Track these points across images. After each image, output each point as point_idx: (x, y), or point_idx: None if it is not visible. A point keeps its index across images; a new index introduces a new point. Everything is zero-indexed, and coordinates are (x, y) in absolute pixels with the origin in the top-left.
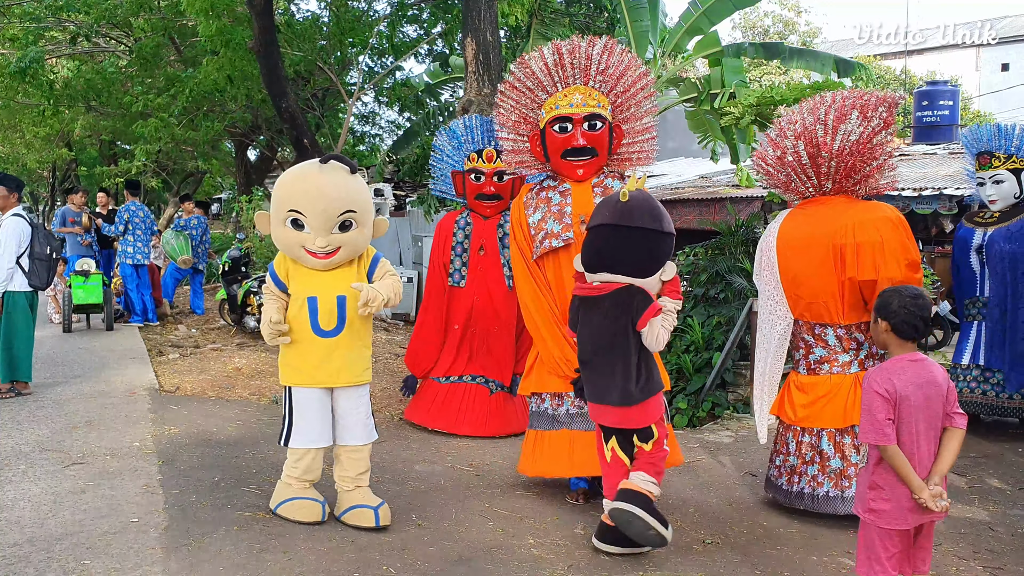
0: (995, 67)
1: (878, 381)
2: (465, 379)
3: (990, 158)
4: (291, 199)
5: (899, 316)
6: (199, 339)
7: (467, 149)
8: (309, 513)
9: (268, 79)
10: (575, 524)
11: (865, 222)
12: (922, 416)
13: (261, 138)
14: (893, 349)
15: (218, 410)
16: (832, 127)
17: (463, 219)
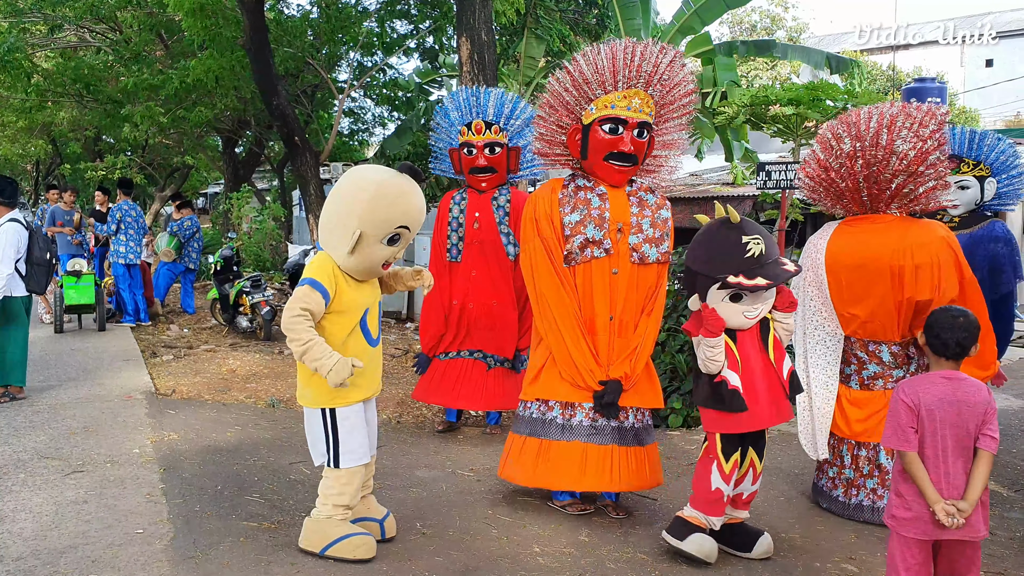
0: (979, 63)
1: (905, 391)
2: (463, 354)
3: (959, 163)
4: (403, 216)
5: (933, 333)
6: (192, 339)
7: (458, 124)
8: (368, 550)
9: (259, 77)
10: (579, 531)
11: (923, 244)
12: (950, 432)
13: (249, 134)
14: (932, 364)
15: (216, 414)
16: (886, 146)
17: (459, 195)
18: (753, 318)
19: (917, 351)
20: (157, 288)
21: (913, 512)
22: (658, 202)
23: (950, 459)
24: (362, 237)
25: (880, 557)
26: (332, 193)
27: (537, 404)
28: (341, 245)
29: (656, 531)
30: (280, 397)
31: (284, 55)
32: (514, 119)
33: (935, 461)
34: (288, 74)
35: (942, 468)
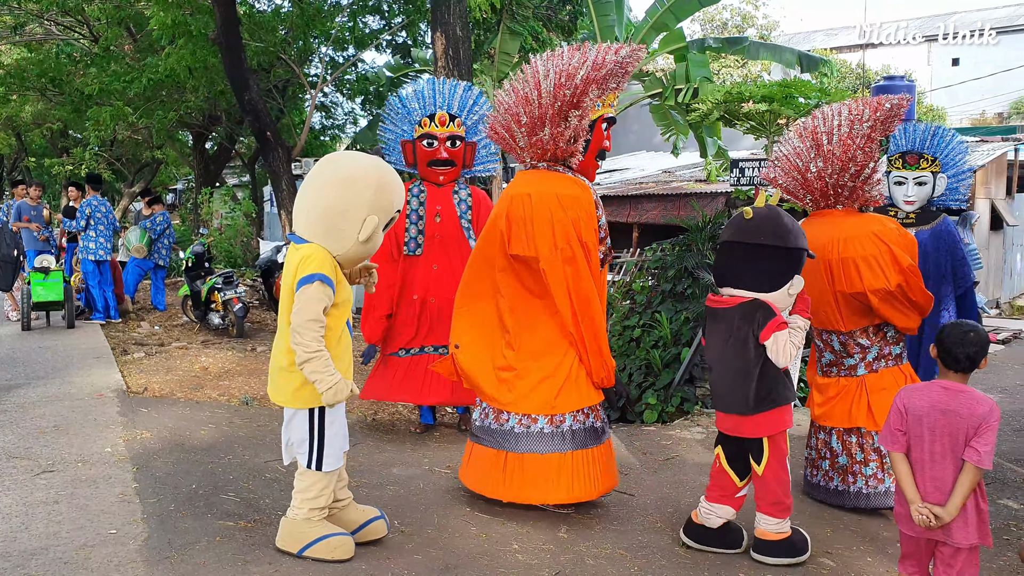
0: (946, 62)
1: (900, 395)
2: (427, 350)
3: (918, 158)
4: (400, 200)
5: (944, 347)
6: (163, 336)
7: (417, 115)
8: (345, 550)
9: (231, 71)
10: (557, 527)
11: (850, 238)
12: (939, 438)
13: (220, 128)
14: (941, 373)
15: (189, 412)
16: (828, 141)
17: (416, 187)
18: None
19: (872, 339)
20: (126, 285)
21: (903, 508)
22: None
23: (939, 465)
24: (371, 223)
25: (856, 550)
26: (320, 184)
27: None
28: (348, 234)
29: (635, 526)
30: (254, 395)
31: (255, 49)
32: (472, 114)
33: (921, 465)
34: (260, 69)
35: (928, 472)
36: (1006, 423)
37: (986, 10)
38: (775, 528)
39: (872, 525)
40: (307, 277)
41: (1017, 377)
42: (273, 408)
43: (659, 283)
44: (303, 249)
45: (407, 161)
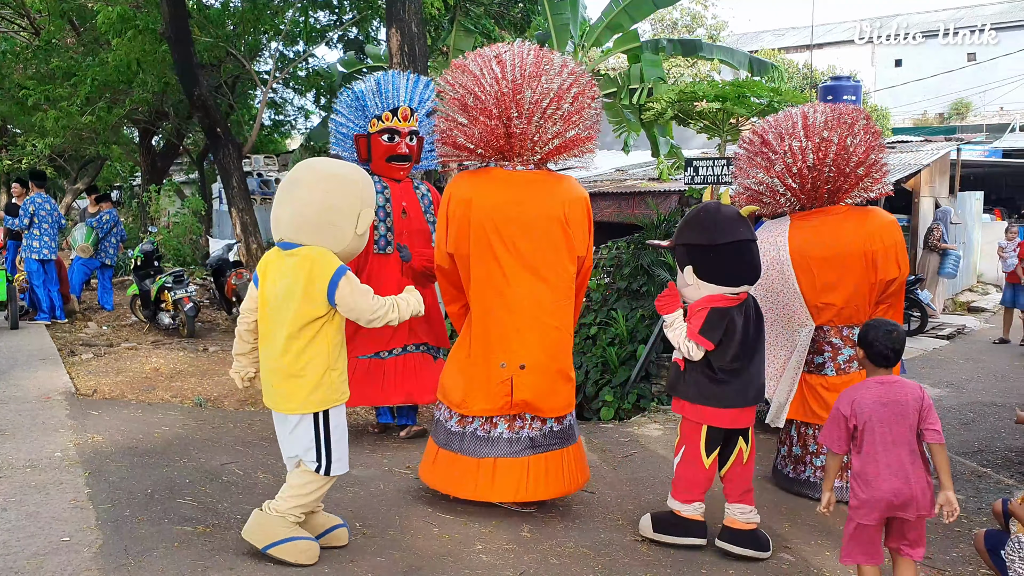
0: (889, 63)
1: (842, 400)
2: (409, 349)
3: None
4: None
5: (874, 348)
6: (111, 337)
7: (375, 109)
8: (311, 555)
9: (180, 66)
10: (520, 527)
11: (884, 227)
12: (888, 429)
13: (167, 124)
14: (869, 372)
15: (141, 415)
16: (838, 142)
17: (378, 183)
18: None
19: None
20: (72, 284)
21: (862, 497)
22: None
23: (892, 452)
24: (367, 216)
25: (813, 545)
26: (307, 186)
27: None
28: (345, 230)
29: (597, 524)
30: (207, 396)
31: (205, 44)
32: (423, 108)
33: (874, 455)
34: (209, 64)
35: (883, 461)
36: (953, 417)
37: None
38: (747, 517)
39: (828, 519)
40: (338, 272)
41: (963, 372)
42: (227, 409)
43: (615, 281)
44: (305, 251)
45: (360, 156)
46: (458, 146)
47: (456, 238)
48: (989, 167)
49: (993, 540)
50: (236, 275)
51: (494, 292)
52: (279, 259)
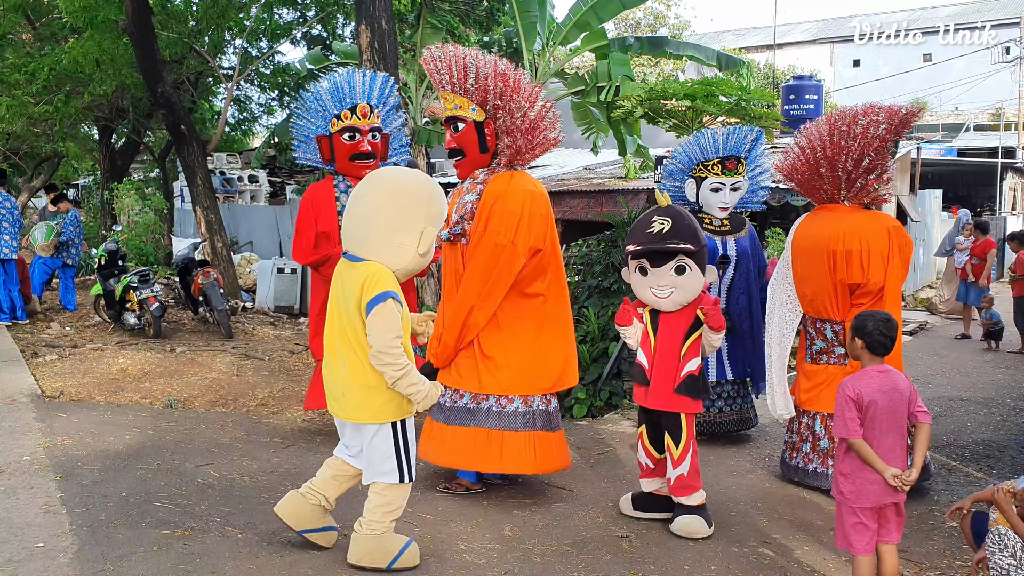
0: (848, 63)
1: (850, 387)
2: None
3: (737, 163)
4: (446, 208)
5: (872, 336)
6: (75, 338)
7: (335, 109)
8: (417, 555)
9: (143, 62)
10: (502, 526)
11: (856, 232)
12: (886, 416)
13: (127, 121)
14: (865, 362)
15: (111, 417)
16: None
17: (342, 182)
18: (663, 297)
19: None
20: (33, 284)
21: (857, 486)
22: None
23: (888, 438)
24: (429, 235)
25: (792, 539)
26: (377, 201)
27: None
28: (408, 248)
29: (578, 521)
30: (177, 397)
31: (168, 40)
32: (385, 104)
33: (877, 442)
34: (172, 60)
35: (883, 447)
36: None
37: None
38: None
39: (806, 514)
40: (379, 296)
41: (927, 367)
42: (198, 410)
43: (585, 278)
44: (364, 267)
45: (324, 157)
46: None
47: (544, 234)
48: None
49: (979, 523)
50: (203, 274)
51: (563, 276)
52: (345, 269)
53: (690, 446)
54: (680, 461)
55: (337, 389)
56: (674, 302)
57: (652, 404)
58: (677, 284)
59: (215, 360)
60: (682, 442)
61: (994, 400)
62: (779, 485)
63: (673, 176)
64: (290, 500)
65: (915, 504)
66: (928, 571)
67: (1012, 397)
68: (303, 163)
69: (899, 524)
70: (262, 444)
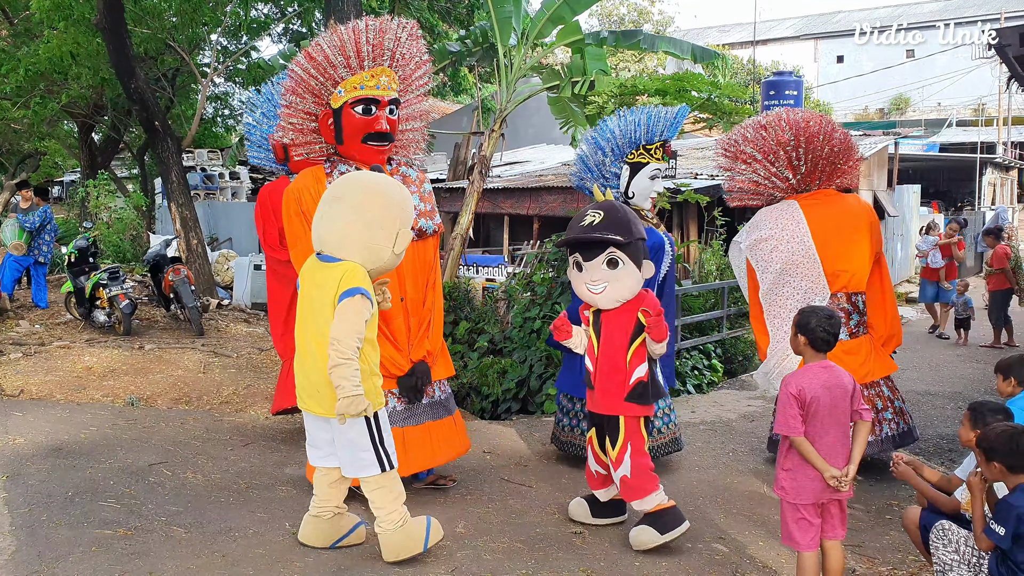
0: (831, 59)
1: (793, 384)
2: None
3: (661, 148)
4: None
5: (815, 333)
6: (44, 336)
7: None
8: (440, 528)
9: (115, 58)
10: (456, 523)
11: (870, 206)
12: (829, 412)
13: (106, 119)
14: (808, 358)
15: (68, 415)
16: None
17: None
18: (597, 292)
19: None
20: (3, 282)
21: (798, 482)
22: (419, 175)
23: (829, 435)
24: (405, 236)
25: (748, 535)
26: (353, 203)
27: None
28: (383, 248)
29: (533, 518)
30: (141, 395)
31: (143, 36)
32: None
33: (817, 437)
34: (148, 56)
35: (824, 443)
36: None
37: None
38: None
39: (764, 511)
40: (349, 291)
41: (899, 361)
42: (160, 409)
43: (559, 275)
44: (340, 267)
45: (278, 157)
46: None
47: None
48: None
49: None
50: (173, 271)
51: None
52: (317, 270)
53: (627, 447)
54: (619, 462)
55: (312, 386)
56: (608, 298)
57: (597, 408)
58: (609, 278)
59: (183, 357)
60: (619, 443)
61: (962, 394)
62: (740, 481)
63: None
64: (307, 525)
65: (874, 499)
66: (880, 566)
67: (979, 391)
68: (256, 164)
69: (842, 520)
70: (221, 442)
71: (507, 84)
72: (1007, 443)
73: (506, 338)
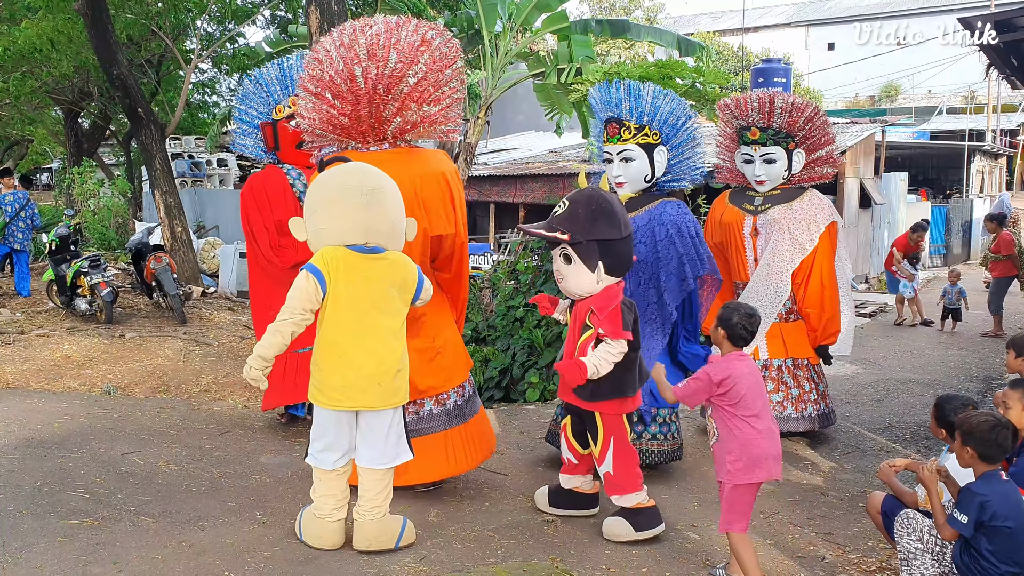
0: (822, 46)
1: (714, 370)
2: None
3: (619, 127)
4: None
5: (735, 329)
6: (24, 324)
7: (280, 96)
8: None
9: (97, 43)
10: (428, 512)
11: None
12: (756, 397)
13: (93, 105)
14: (725, 349)
15: (43, 404)
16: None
17: (292, 171)
18: (560, 282)
19: None
20: None
21: (743, 463)
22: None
23: (763, 418)
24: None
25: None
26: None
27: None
28: (403, 237)
29: (506, 507)
30: (117, 383)
31: (126, 21)
32: None
33: (757, 421)
34: (132, 42)
35: (759, 425)
36: (867, 393)
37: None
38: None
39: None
40: (422, 277)
41: (880, 349)
42: (137, 398)
43: (543, 263)
44: (393, 257)
45: (268, 145)
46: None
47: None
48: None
49: (890, 505)
50: (155, 259)
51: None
52: (360, 262)
53: (610, 443)
54: (602, 459)
55: (364, 381)
56: (567, 289)
57: (562, 396)
58: (563, 273)
59: (163, 346)
60: (600, 440)
61: (942, 382)
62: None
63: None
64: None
65: (848, 487)
66: (850, 553)
67: (959, 379)
68: (240, 151)
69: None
70: (196, 431)
71: (493, 71)
72: (987, 433)
73: (489, 326)
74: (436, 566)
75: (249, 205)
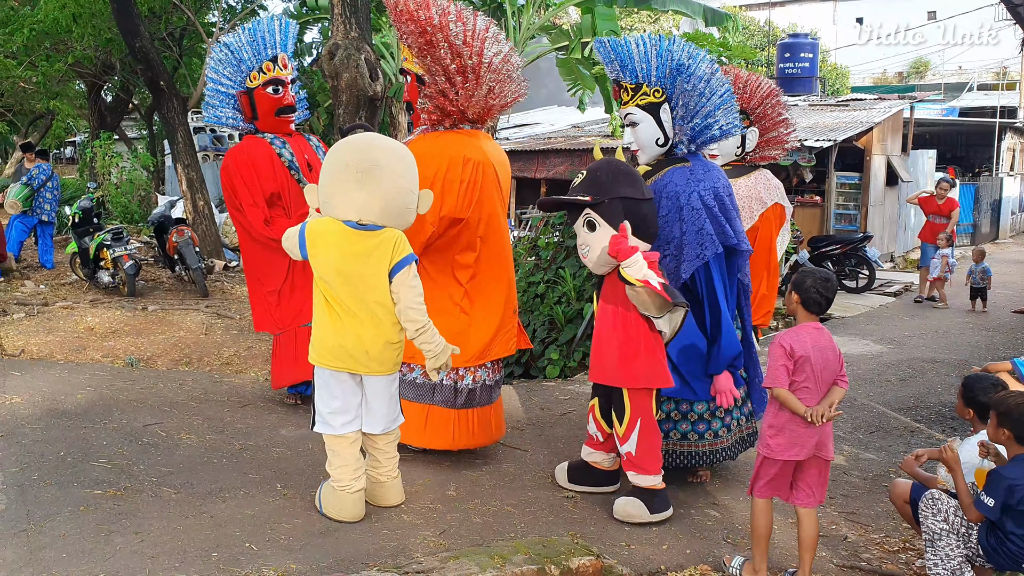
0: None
1: (786, 340)
2: None
3: (619, 89)
4: None
5: (809, 294)
6: (48, 296)
7: (255, 61)
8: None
9: (119, 16)
10: (447, 486)
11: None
12: (819, 372)
13: (115, 78)
14: (800, 318)
15: (67, 375)
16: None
17: (276, 140)
18: (586, 257)
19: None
20: (10, 242)
21: (784, 438)
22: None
23: (820, 393)
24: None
25: (741, 501)
26: (394, 169)
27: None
28: (413, 211)
29: (526, 482)
30: (141, 356)
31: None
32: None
33: (810, 397)
34: (153, 14)
35: (813, 401)
36: (892, 373)
37: None
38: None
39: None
40: (406, 259)
41: (905, 328)
42: (159, 370)
43: (564, 239)
44: (385, 234)
45: (246, 115)
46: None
47: (465, 202)
48: (945, 125)
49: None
50: (177, 232)
51: (501, 247)
52: (355, 239)
53: (636, 424)
54: (625, 439)
55: (358, 348)
56: (593, 262)
57: (592, 377)
58: (589, 242)
59: (185, 319)
60: (626, 419)
61: (968, 362)
62: None
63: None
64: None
65: (871, 466)
66: (873, 533)
67: (986, 359)
68: (212, 124)
69: (820, 486)
70: (218, 403)
71: (515, 45)
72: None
73: None
74: (456, 540)
75: (235, 180)
